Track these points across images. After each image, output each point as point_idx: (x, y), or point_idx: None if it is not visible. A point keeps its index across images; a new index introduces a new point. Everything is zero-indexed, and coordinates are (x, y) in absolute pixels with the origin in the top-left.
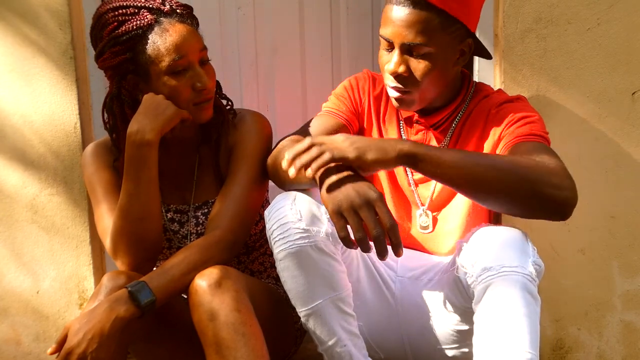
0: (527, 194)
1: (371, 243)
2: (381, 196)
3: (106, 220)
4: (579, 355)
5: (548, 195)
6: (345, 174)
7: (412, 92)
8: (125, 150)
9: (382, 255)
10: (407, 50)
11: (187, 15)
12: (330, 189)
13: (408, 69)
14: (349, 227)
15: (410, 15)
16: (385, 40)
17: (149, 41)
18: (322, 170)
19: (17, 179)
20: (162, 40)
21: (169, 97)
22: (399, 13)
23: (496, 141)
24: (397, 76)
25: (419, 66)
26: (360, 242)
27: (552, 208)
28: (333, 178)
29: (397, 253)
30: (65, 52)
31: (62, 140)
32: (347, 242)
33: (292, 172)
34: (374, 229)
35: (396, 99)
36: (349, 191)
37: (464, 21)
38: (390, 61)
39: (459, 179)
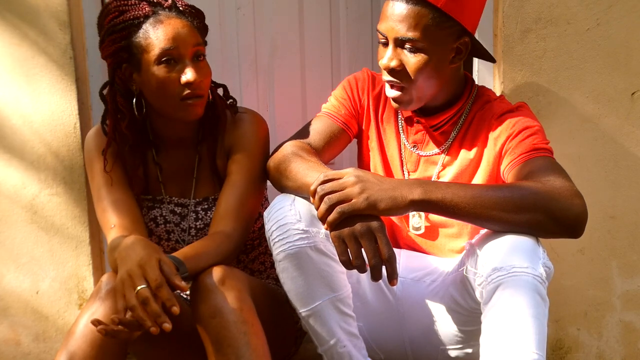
0: (540, 220)
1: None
2: (383, 226)
3: (108, 214)
4: (579, 355)
5: (560, 217)
6: None
7: (408, 89)
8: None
9: (375, 279)
10: (401, 44)
11: (188, 13)
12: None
13: (401, 63)
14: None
15: (404, 10)
16: (382, 35)
17: (142, 30)
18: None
19: (17, 179)
20: (154, 30)
21: (157, 89)
22: (394, 8)
23: (498, 152)
24: (390, 71)
25: (411, 61)
26: (358, 268)
27: (565, 228)
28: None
29: (392, 283)
30: (65, 52)
31: (62, 140)
32: (347, 265)
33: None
34: (372, 258)
35: (394, 99)
36: (352, 218)
37: (459, 19)
38: (385, 56)
39: (471, 217)
